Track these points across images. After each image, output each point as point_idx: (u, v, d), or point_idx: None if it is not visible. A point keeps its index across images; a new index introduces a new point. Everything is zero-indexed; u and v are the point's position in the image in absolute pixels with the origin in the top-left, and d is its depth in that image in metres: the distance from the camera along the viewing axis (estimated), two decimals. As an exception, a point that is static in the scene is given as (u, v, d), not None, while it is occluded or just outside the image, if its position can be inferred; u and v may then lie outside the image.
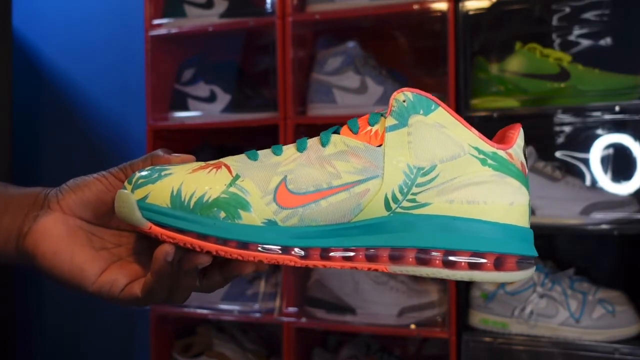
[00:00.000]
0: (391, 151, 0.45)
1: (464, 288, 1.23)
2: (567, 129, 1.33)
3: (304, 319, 1.33)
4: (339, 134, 0.48)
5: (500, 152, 0.46)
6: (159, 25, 1.47)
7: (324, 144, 0.47)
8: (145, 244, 0.51)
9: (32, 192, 0.51)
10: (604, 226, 1.15)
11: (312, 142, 0.48)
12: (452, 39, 1.22)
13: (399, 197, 0.45)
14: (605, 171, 1.29)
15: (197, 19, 1.45)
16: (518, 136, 0.47)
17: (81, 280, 0.48)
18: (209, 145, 1.56)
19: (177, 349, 1.48)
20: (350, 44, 1.37)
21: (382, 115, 0.47)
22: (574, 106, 1.21)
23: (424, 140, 0.45)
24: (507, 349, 1.17)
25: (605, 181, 1.29)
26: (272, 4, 1.38)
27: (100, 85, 1.82)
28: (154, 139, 1.47)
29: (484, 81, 1.26)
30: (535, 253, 0.46)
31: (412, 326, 1.26)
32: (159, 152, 0.51)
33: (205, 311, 1.41)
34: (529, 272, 0.46)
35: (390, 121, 0.46)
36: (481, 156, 0.45)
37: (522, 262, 0.45)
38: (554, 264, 1.25)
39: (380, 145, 0.46)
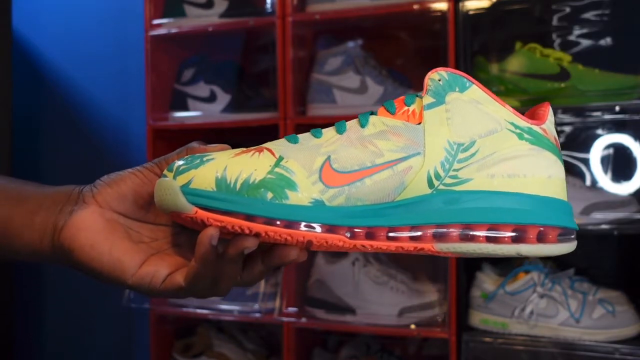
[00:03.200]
0: (431, 128, 0.46)
1: (464, 288, 1.23)
2: (567, 129, 1.33)
3: (304, 319, 1.33)
4: (375, 115, 0.48)
5: (535, 127, 0.47)
6: (159, 25, 1.47)
7: (362, 125, 0.48)
8: (184, 237, 0.51)
9: (66, 189, 0.51)
10: (604, 226, 1.15)
11: (351, 124, 0.48)
12: (452, 39, 1.22)
13: (442, 173, 0.45)
14: (605, 171, 1.29)
15: (197, 19, 1.45)
16: (549, 113, 0.48)
17: (121, 272, 0.47)
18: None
19: (177, 349, 1.48)
20: (350, 44, 1.37)
21: (417, 95, 0.48)
22: (574, 106, 1.21)
23: (462, 117, 0.46)
24: (507, 349, 1.17)
25: (605, 181, 1.29)
26: (272, 4, 1.38)
27: (100, 84, 1.82)
28: (154, 139, 1.47)
29: (484, 81, 1.26)
30: (575, 226, 0.46)
31: (412, 326, 1.26)
32: (194, 144, 0.51)
33: (205, 311, 1.41)
34: (571, 246, 0.46)
35: (427, 99, 0.47)
36: (517, 131, 0.46)
37: (563, 236, 0.45)
38: (554, 264, 1.25)
39: (419, 124, 0.46)
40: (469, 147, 0.46)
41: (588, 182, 1.30)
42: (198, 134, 1.56)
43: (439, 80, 0.47)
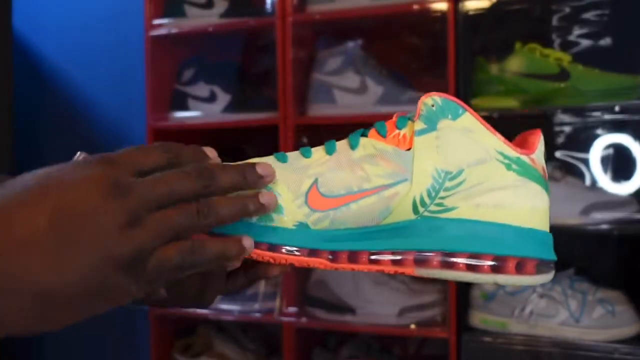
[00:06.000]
0: (420, 155, 0.46)
1: (464, 288, 1.23)
2: (567, 129, 1.34)
3: (304, 319, 1.33)
4: (366, 136, 0.48)
5: (524, 157, 0.47)
6: (159, 25, 1.47)
7: (353, 147, 0.47)
8: None
9: None
10: (604, 226, 1.15)
11: (341, 145, 0.48)
12: (452, 39, 1.22)
13: (427, 200, 0.45)
14: (605, 171, 1.29)
15: (197, 19, 1.45)
16: (539, 142, 0.48)
17: None
18: (209, 145, 1.56)
19: (177, 349, 1.48)
20: (350, 44, 1.37)
21: (409, 119, 0.48)
22: (574, 106, 1.21)
23: (452, 145, 0.46)
24: (507, 349, 1.17)
25: (605, 181, 1.29)
26: (272, 4, 1.38)
27: (100, 85, 1.82)
28: (154, 139, 1.47)
29: (484, 81, 1.26)
30: (554, 257, 0.47)
31: (412, 326, 1.26)
32: None
33: (205, 311, 1.41)
34: (548, 277, 0.47)
35: (419, 125, 0.47)
36: (506, 161, 0.46)
37: (541, 266, 0.46)
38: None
39: (409, 149, 0.46)
40: (457, 176, 0.46)
41: (588, 182, 1.30)
42: (198, 134, 1.56)
43: (432, 106, 0.47)
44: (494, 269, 0.45)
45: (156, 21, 1.48)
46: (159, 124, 1.49)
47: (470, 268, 0.45)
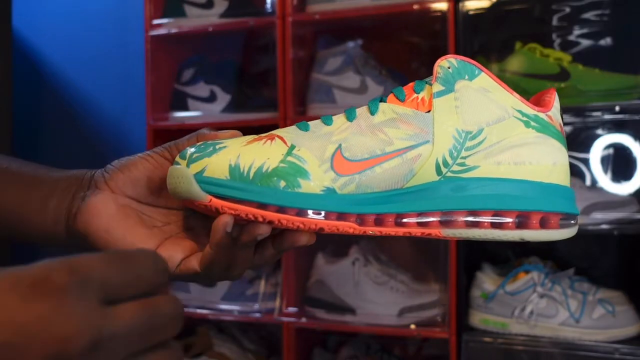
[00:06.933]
0: (440, 116, 0.47)
1: (464, 288, 1.23)
2: (567, 129, 1.33)
3: (304, 319, 1.33)
4: (385, 102, 0.49)
5: (541, 115, 0.48)
6: (159, 25, 1.47)
7: (372, 112, 0.48)
8: (196, 220, 0.51)
9: (76, 173, 0.51)
10: (604, 226, 1.15)
11: (361, 111, 0.49)
12: (452, 39, 1.22)
13: (450, 161, 0.46)
14: (605, 171, 1.29)
15: (197, 19, 1.45)
16: (555, 100, 0.49)
17: None
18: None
19: (177, 349, 1.48)
20: (350, 44, 1.37)
21: (426, 82, 0.49)
22: (574, 106, 1.21)
23: (470, 105, 0.47)
24: (507, 349, 1.17)
25: (605, 181, 1.29)
26: (272, 4, 1.38)
27: (100, 85, 1.82)
28: (154, 139, 1.47)
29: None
30: (577, 211, 0.48)
31: (412, 326, 1.26)
32: (205, 130, 0.51)
33: (205, 311, 1.41)
34: (572, 231, 0.47)
35: (437, 87, 0.47)
36: (524, 118, 0.47)
37: (565, 220, 0.46)
38: (554, 264, 1.25)
39: (428, 112, 0.47)
40: (477, 135, 0.46)
41: (588, 182, 1.30)
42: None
43: (449, 68, 0.48)
44: (519, 225, 0.46)
45: (156, 21, 1.48)
46: (159, 124, 1.49)
47: (495, 226, 0.46)
